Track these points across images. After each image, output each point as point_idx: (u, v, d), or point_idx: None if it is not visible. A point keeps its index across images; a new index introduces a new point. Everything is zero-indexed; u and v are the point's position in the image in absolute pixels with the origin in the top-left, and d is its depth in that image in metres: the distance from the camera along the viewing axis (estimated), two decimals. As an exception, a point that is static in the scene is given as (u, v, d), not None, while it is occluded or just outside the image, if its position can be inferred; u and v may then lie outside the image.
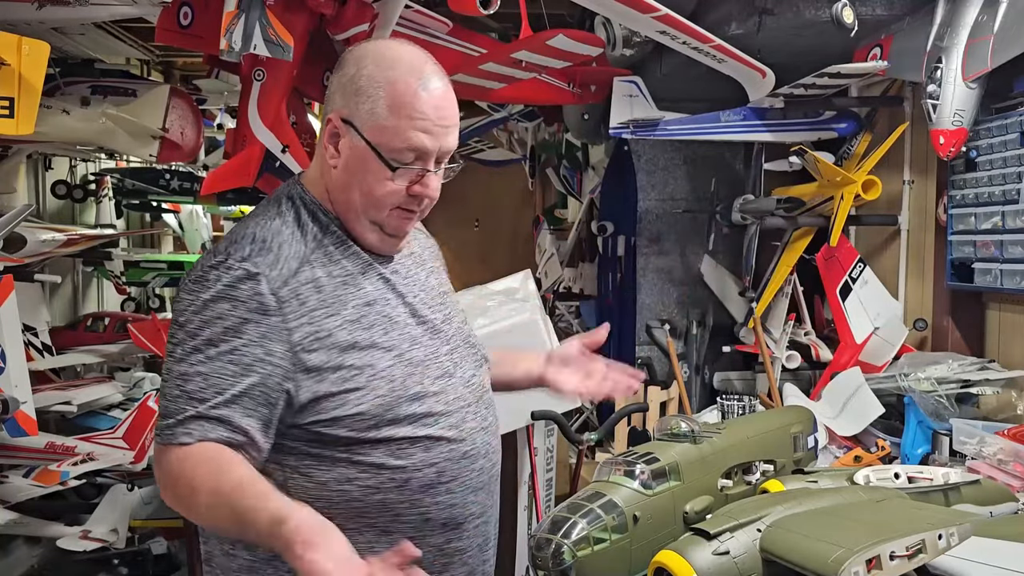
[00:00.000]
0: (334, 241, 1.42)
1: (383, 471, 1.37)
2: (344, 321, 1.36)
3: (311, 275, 1.36)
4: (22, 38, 2.09)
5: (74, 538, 3.81)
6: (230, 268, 1.32)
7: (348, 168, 1.39)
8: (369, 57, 1.39)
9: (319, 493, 1.36)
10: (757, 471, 1.82)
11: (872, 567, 1.31)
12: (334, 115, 1.38)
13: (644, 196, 3.72)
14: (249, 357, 1.29)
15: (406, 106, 1.35)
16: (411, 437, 1.39)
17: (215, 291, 1.31)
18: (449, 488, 1.42)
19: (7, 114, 2.09)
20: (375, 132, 1.36)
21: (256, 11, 2.41)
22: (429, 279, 1.55)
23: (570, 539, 1.48)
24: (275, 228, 1.38)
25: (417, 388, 1.41)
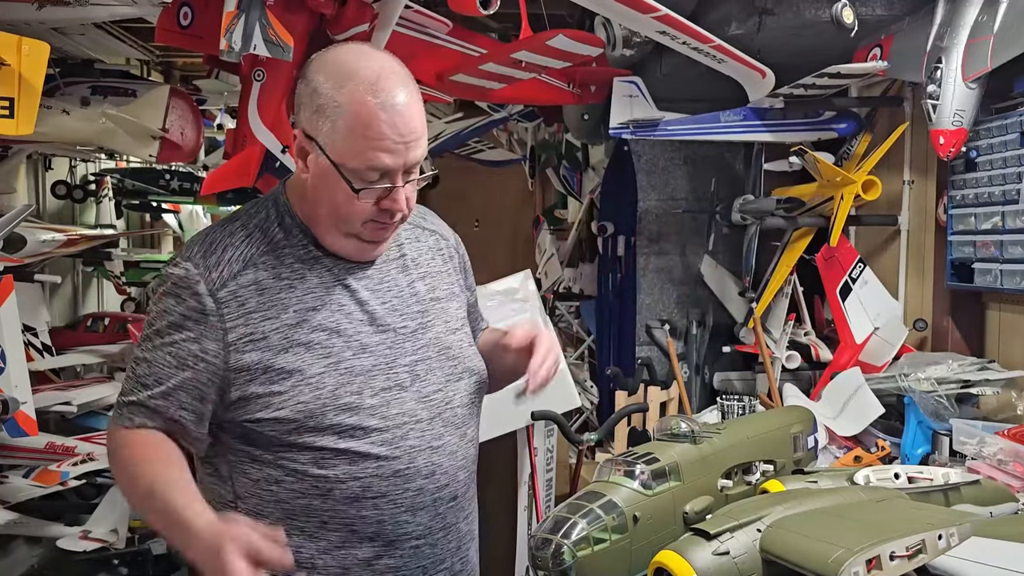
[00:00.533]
0: (294, 244, 1.44)
1: (306, 478, 1.39)
2: (282, 324, 1.39)
3: (254, 277, 1.40)
4: (22, 38, 2.09)
5: (74, 538, 3.81)
6: (177, 267, 1.41)
7: (316, 183, 1.40)
8: (325, 71, 1.37)
9: (254, 490, 1.42)
10: (757, 471, 1.82)
11: (872, 567, 1.31)
12: (299, 131, 1.39)
13: (644, 196, 3.72)
14: (185, 352, 1.38)
15: (363, 127, 1.33)
16: (334, 448, 1.39)
17: (165, 288, 1.41)
18: (376, 504, 1.41)
19: (7, 114, 2.09)
20: (336, 153, 1.35)
21: (256, 11, 2.40)
22: (415, 285, 1.52)
23: (570, 539, 1.48)
24: (229, 231, 1.44)
25: (349, 399, 1.39)
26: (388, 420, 1.42)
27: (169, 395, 1.37)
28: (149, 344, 1.40)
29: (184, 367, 1.37)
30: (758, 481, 1.80)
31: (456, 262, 1.65)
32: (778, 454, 1.88)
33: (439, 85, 2.98)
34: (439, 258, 1.60)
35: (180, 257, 1.43)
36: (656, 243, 3.75)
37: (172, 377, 1.37)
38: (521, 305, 2.64)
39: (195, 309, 1.38)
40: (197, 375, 1.37)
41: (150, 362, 1.39)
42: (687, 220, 3.73)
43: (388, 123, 1.33)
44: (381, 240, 1.46)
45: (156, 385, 1.38)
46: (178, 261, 1.42)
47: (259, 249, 1.42)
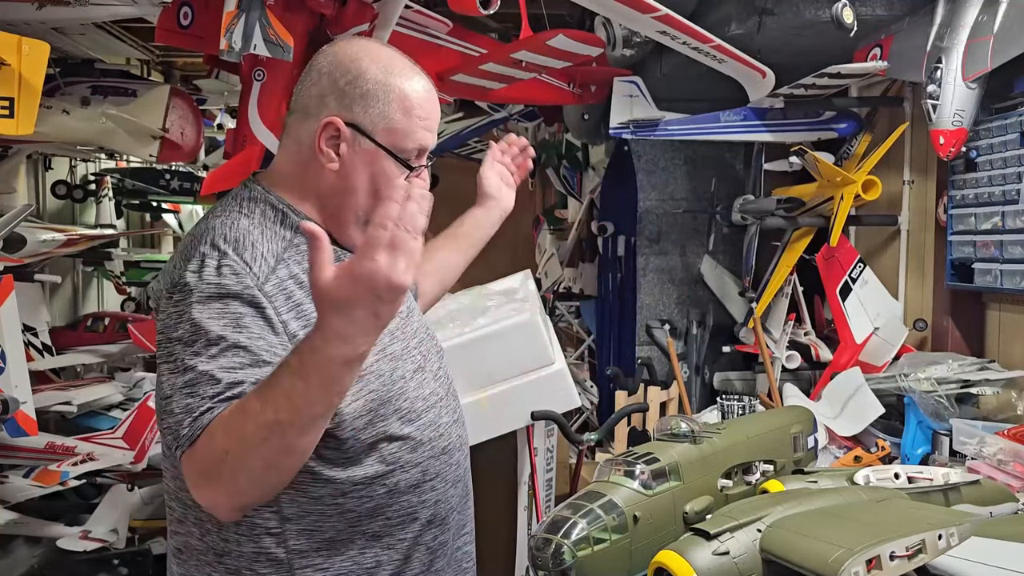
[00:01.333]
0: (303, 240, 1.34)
1: (375, 480, 1.37)
2: None
3: (288, 272, 1.34)
4: (22, 38, 2.09)
5: (74, 538, 3.81)
6: (210, 268, 1.27)
7: (351, 172, 1.38)
8: (365, 60, 1.38)
9: (312, 507, 1.34)
10: (757, 471, 1.82)
11: (872, 567, 1.31)
12: (333, 119, 1.36)
13: (644, 196, 3.72)
14: (254, 347, 1.24)
15: (416, 108, 1.38)
16: (399, 436, 1.39)
17: (202, 294, 1.25)
18: (433, 485, 1.44)
19: (7, 114, 2.08)
20: (387, 135, 1.37)
21: (256, 11, 2.40)
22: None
23: (570, 539, 1.48)
24: (244, 227, 1.35)
25: (400, 383, 1.41)
26: (427, 401, 1.45)
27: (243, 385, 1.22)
28: (202, 358, 1.21)
29: (259, 363, 1.22)
30: (758, 481, 1.80)
31: None
32: (778, 454, 1.88)
33: (439, 85, 2.96)
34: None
35: (208, 258, 1.28)
36: (656, 243, 3.75)
37: (252, 375, 1.21)
38: (521, 305, 2.64)
39: (249, 303, 1.26)
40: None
41: (212, 373, 1.20)
42: (687, 220, 3.73)
43: (431, 104, 1.41)
44: None
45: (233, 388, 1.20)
46: (206, 263, 1.28)
47: (279, 245, 1.36)
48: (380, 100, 1.36)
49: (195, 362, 1.22)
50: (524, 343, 2.47)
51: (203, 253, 1.30)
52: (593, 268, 4.23)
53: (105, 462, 3.73)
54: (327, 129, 1.36)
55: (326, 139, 1.37)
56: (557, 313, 4.35)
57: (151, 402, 3.80)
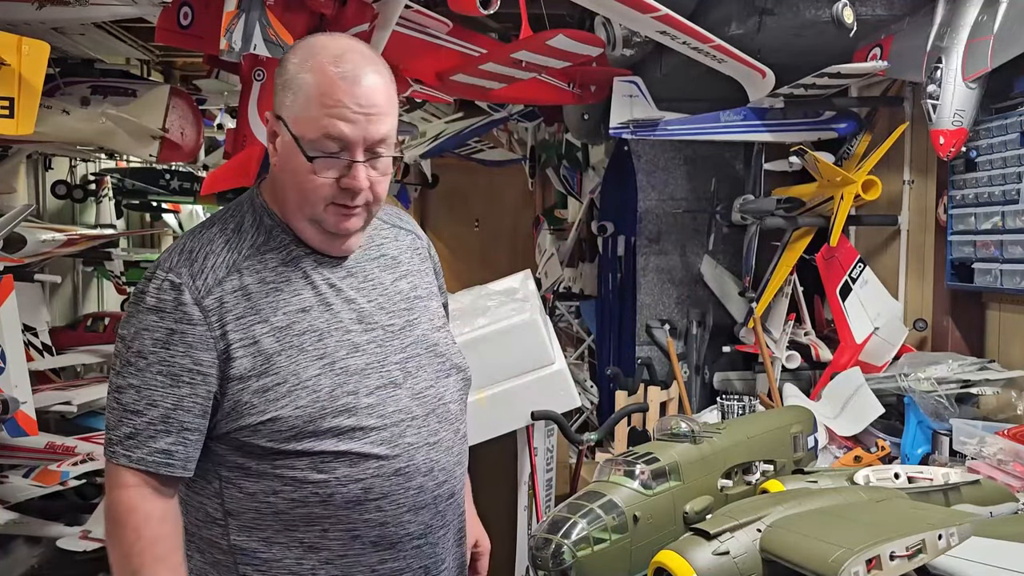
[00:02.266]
0: (276, 247, 1.39)
1: (306, 485, 1.34)
2: (272, 328, 1.34)
3: (239, 283, 1.35)
4: (22, 38, 2.09)
5: (74, 538, 3.80)
6: (157, 279, 1.34)
7: (282, 164, 1.38)
8: (295, 52, 1.38)
9: (249, 504, 1.36)
10: (757, 471, 1.82)
11: (872, 567, 1.31)
12: (269, 113, 1.39)
13: (644, 196, 3.72)
14: (177, 368, 1.30)
15: (323, 94, 1.32)
16: (334, 452, 1.35)
17: (144, 304, 1.33)
18: (379, 506, 1.38)
19: (7, 114, 2.08)
20: (297, 123, 1.34)
21: (256, 11, 2.40)
22: (398, 283, 1.50)
23: (570, 539, 1.48)
24: (207, 238, 1.38)
25: (346, 399, 1.36)
26: (385, 418, 1.39)
27: (169, 417, 1.30)
28: (131, 369, 1.31)
29: (179, 383, 1.30)
30: (758, 481, 1.80)
31: (430, 263, 1.63)
32: (778, 454, 1.88)
33: (439, 85, 2.98)
34: (416, 257, 1.59)
35: (159, 269, 1.34)
36: (656, 243, 3.75)
37: (168, 397, 1.30)
38: (521, 305, 2.64)
39: (182, 320, 1.31)
40: (195, 389, 1.31)
41: (138, 387, 1.30)
42: (687, 220, 3.73)
43: (346, 92, 1.32)
44: (346, 232, 1.40)
45: (151, 409, 1.29)
46: (156, 273, 1.34)
47: (241, 254, 1.37)
48: (293, 88, 1.34)
49: (125, 371, 1.32)
50: (524, 343, 2.47)
51: (159, 263, 1.36)
52: (593, 268, 4.24)
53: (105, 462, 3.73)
54: (268, 124, 1.40)
55: (269, 134, 1.41)
56: (557, 313, 4.36)
57: (151, 402, 3.80)
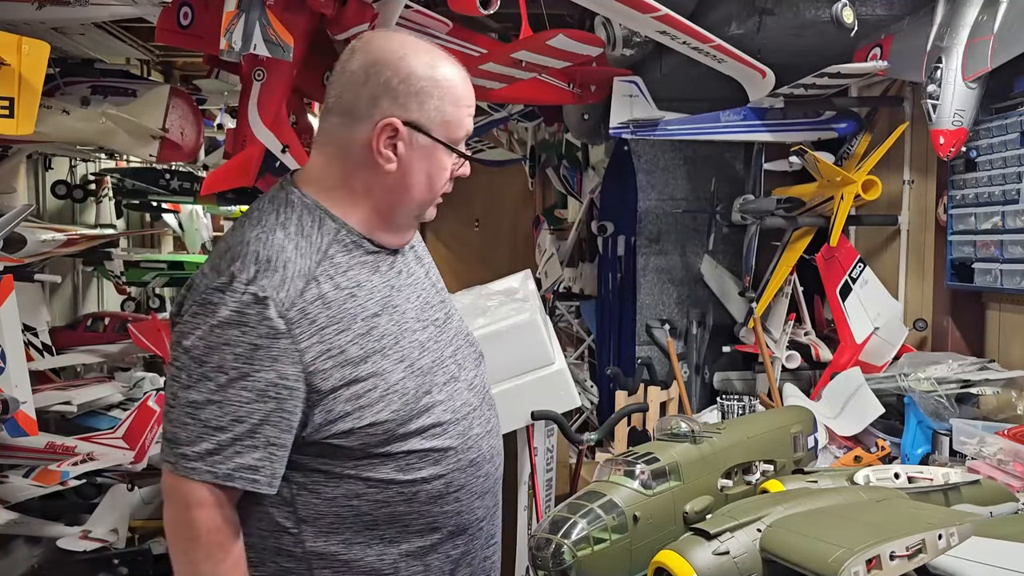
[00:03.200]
0: (341, 249, 1.38)
1: (392, 486, 1.37)
2: (355, 336, 1.34)
3: (318, 292, 1.32)
4: (22, 38, 2.09)
5: (74, 538, 3.80)
6: (236, 291, 1.28)
7: (409, 169, 1.39)
8: (409, 57, 1.38)
9: (327, 508, 1.36)
10: (757, 471, 1.82)
11: (872, 567, 1.31)
12: (391, 121, 1.35)
13: (644, 196, 3.72)
14: (263, 383, 1.27)
15: (464, 97, 1.42)
16: (420, 451, 1.38)
17: (222, 316, 1.27)
18: (457, 497, 1.43)
19: (7, 114, 2.08)
20: (442, 128, 1.39)
21: (256, 11, 2.40)
22: (429, 275, 1.56)
23: (570, 539, 1.48)
24: (278, 243, 1.33)
25: (427, 399, 1.39)
26: (456, 412, 1.44)
27: (255, 433, 1.27)
28: (210, 384, 1.26)
29: (265, 398, 1.27)
30: (758, 481, 1.80)
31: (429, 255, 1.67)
32: (778, 454, 1.88)
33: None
34: (425, 249, 1.64)
35: (235, 281, 1.28)
36: (656, 243, 3.75)
37: (255, 413, 1.27)
38: (521, 305, 2.64)
39: (266, 335, 1.27)
40: (282, 404, 1.28)
41: (219, 403, 1.26)
42: (687, 220, 3.73)
43: (471, 89, 1.44)
44: (432, 217, 1.50)
45: (236, 425, 1.26)
46: (235, 285, 1.28)
47: (313, 260, 1.34)
48: (434, 96, 1.37)
49: (202, 386, 1.27)
50: (524, 343, 2.47)
51: (232, 273, 1.29)
52: (593, 268, 4.23)
53: (105, 462, 3.73)
54: (384, 131, 1.36)
55: (384, 140, 1.37)
56: (557, 313, 4.35)
57: (151, 402, 3.80)
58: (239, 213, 6.34)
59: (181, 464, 1.27)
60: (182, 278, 6.14)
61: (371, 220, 1.42)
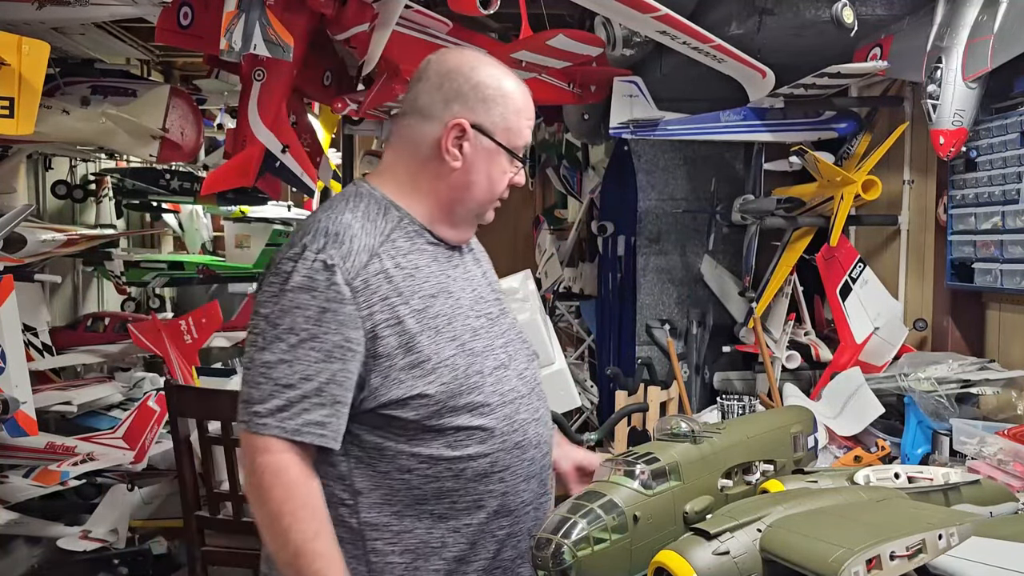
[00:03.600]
0: (404, 236, 1.52)
1: (440, 461, 1.47)
2: (412, 310, 1.46)
3: (380, 267, 1.45)
4: (22, 38, 2.09)
5: (74, 538, 3.80)
6: (307, 260, 1.41)
7: (472, 168, 1.54)
8: (481, 67, 1.55)
9: (381, 481, 1.46)
10: (757, 471, 1.82)
11: (872, 567, 1.31)
12: (460, 121, 1.51)
13: (644, 196, 3.72)
14: (330, 344, 1.39)
15: (525, 109, 1.58)
16: (467, 428, 1.49)
17: (295, 282, 1.40)
18: (502, 477, 1.53)
19: (7, 114, 2.08)
20: (505, 133, 1.55)
21: (256, 11, 2.41)
22: (487, 275, 1.70)
23: (570, 539, 1.47)
24: (346, 222, 1.47)
25: (476, 378, 1.51)
26: (504, 397, 1.55)
27: (322, 391, 1.38)
28: (282, 344, 1.38)
29: (332, 359, 1.39)
30: (758, 481, 1.80)
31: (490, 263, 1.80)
32: (778, 454, 1.88)
33: (439, 85, 2.97)
34: (485, 257, 1.78)
35: (307, 250, 1.42)
36: (656, 243, 3.75)
37: (322, 372, 1.38)
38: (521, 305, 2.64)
39: (334, 299, 1.39)
40: (346, 365, 1.40)
41: (290, 362, 1.38)
42: (687, 220, 3.73)
43: (532, 105, 1.61)
44: (490, 219, 1.64)
45: (304, 383, 1.38)
46: (304, 254, 1.42)
47: (376, 239, 1.48)
48: (499, 104, 1.53)
49: (275, 347, 1.39)
50: (524, 343, 2.46)
51: (304, 244, 1.43)
52: (593, 268, 4.23)
53: (105, 462, 3.73)
54: (453, 130, 1.51)
55: (452, 140, 1.52)
56: (557, 313, 4.35)
57: (151, 402, 3.81)
58: (239, 213, 6.34)
59: (254, 422, 1.38)
60: (182, 278, 6.14)
61: (433, 214, 1.56)
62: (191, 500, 3.03)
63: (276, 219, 6.45)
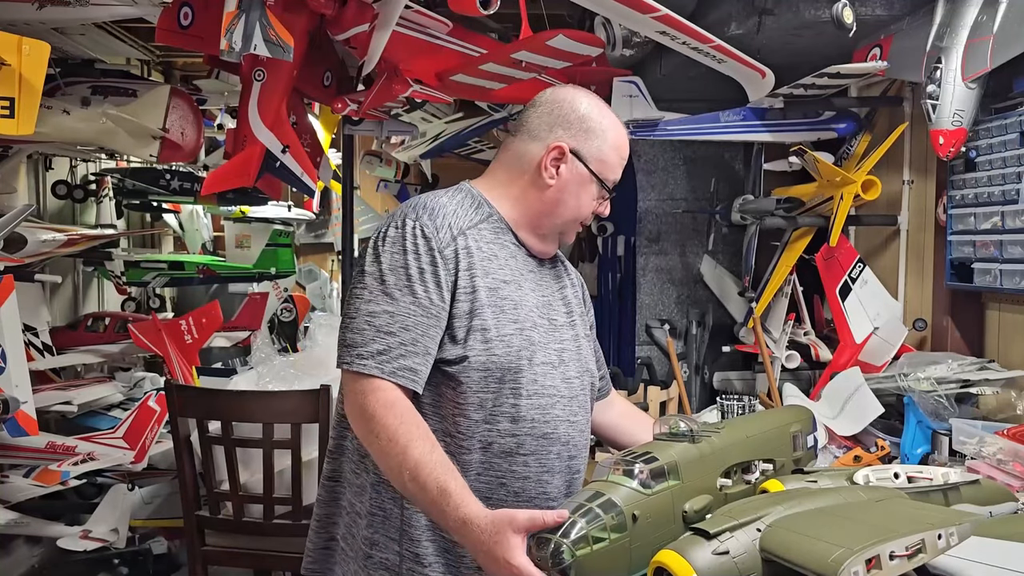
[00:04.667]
0: (490, 229, 1.69)
1: (475, 431, 1.60)
2: (485, 285, 1.62)
3: (465, 243, 1.63)
4: (22, 38, 2.09)
5: (74, 538, 3.80)
6: (408, 226, 1.60)
7: (564, 188, 1.70)
8: (589, 104, 1.72)
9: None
10: (756, 470, 1.82)
11: (872, 567, 1.31)
12: (561, 144, 1.68)
13: (644, 196, 3.73)
14: (426, 301, 1.57)
15: (620, 148, 1.74)
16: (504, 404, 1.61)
17: (400, 246, 1.59)
18: (526, 461, 1.63)
19: (7, 114, 2.08)
20: (599, 164, 1.71)
21: (256, 11, 2.41)
22: (564, 291, 1.82)
23: (569, 538, 1.48)
24: (442, 203, 1.66)
25: (523, 363, 1.63)
26: (544, 389, 1.66)
27: (417, 341, 1.55)
28: (386, 297, 1.56)
29: (428, 315, 1.56)
30: (757, 480, 1.80)
31: (582, 296, 1.92)
32: (777, 453, 1.88)
33: (439, 85, 2.98)
34: (575, 283, 1.91)
35: (407, 219, 1.61)
36: (656, 243, 3.75)
37: (419, 325, 1.55)
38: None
39: (431, 262, 1.58)
40: (438, 321, 1.57)
41: (392, 313, 1.55)
42: (687, 220, 3.73)
43: (627, 148, 1.77)
44: (571, 240, 1.83)
45: (404, 332, 1.54)
46: (405, 222, 1.60)
47: (466, 223, 1.66)
48: (599, 137, 1.70)
49: (379, 299, 1.57)
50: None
51: (404, 214, 1.63)
52: (593, 268, 4.23)
53: (105, 462, 3.73)
54: (554, 151, 1.68)
55: (552, 159, 1.68)
56: (557, 313, 4.34)
57: (151, 402, 3.80)
58: (239, 213, 6.34)
59: (356, 362, 1.54)
60: (182, 278, 6.13)
61: (519, 220, 1.72)
62: (191, 500, 3.03)
63: (276, 219, 6.44)
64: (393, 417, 1.51)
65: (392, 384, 1.54)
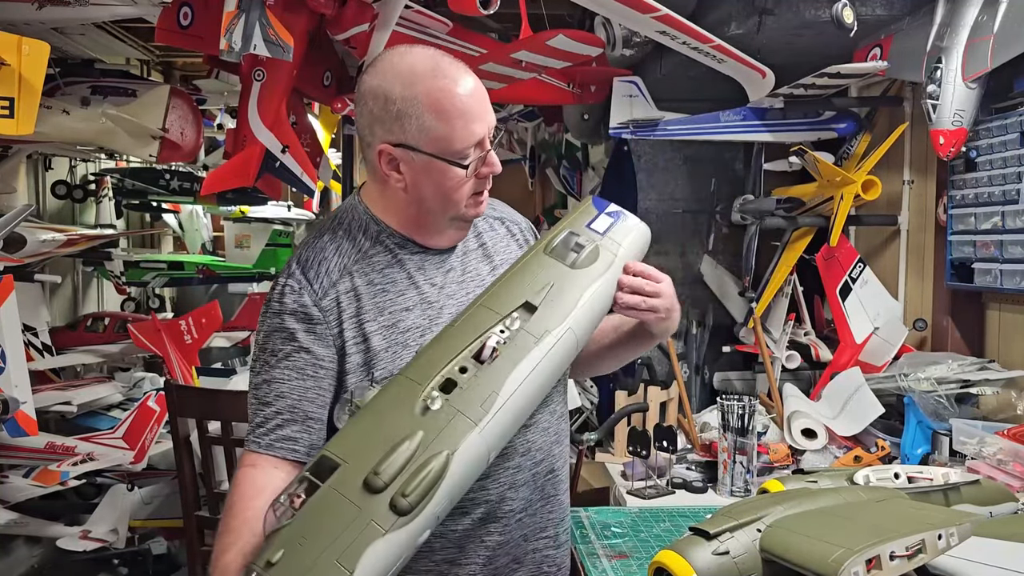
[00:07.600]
0: (383, 250, 1.51)
1: None
2: (379, 326, 1.46)
3: (351, 285, 1.48)
4: (22, 38, 2.09)
5: (74, 538, 3.80)
6: (276, 290, 1.49)
7: (417, 183, 1.47)
8: (388, 80, 1.44)
9: None
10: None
11: (872, 567, 1.31)
12: (383, 146, 1.44)
13: (644, 196, 3.72)
14: (302, 363, 1.44)
15: (450, 110, 1.41)
16: None
17: (273, 308, 1.48)
18: (483, 485, 1.47)
19: (7, 114, 2.08)
20: (433, 143, 1.42)
21: (256, 11, 2.41)
22: (496, 272, 1.59)
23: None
24: (320, 246, 1.52)
25: None
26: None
27: (295, 408, 1.44)
28: (266, 366, 1.46)
29: (304, 376, 1.44)
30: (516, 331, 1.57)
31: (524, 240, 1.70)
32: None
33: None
34: (514, 244, 1.67)
35: (281, 277, 1.50)
36: (656, 243, 3.74)
37: (295, 389, 1.44)
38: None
39: (304, 320, 1.45)
40: (319, 383, 1.45)
41: (269, 381, 1.45)
42: (687, 220, 3.72)
43: (468, 98, 1.42)
44: (479, 214, 1.54)
45: (279, 400, 1.44)
46: (280, 281, 1.50)
47: (351, 259, 1.50)
48: (413, 117, 1.41)
49: (261, 369, 1.47)
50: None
51: (280, 274, 1.52)
52: (593, 268, 4.22)
53: (105, 462, 3.73)
54: (383, 156, 1.46)
55: (386, 164, 1.47)
56: (557, 313, 4.34)
57: (151, 402, 3.80)
58: (239, 213, 6.35)
59: (247, 440, 1.45)
60: (182, 278, 6.14)
61: (406, 224, 1.53)
62: (191, 500, 3.03)
63: (276, 219, 6.45)
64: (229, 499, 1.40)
65: (268, 459, 1.42)
